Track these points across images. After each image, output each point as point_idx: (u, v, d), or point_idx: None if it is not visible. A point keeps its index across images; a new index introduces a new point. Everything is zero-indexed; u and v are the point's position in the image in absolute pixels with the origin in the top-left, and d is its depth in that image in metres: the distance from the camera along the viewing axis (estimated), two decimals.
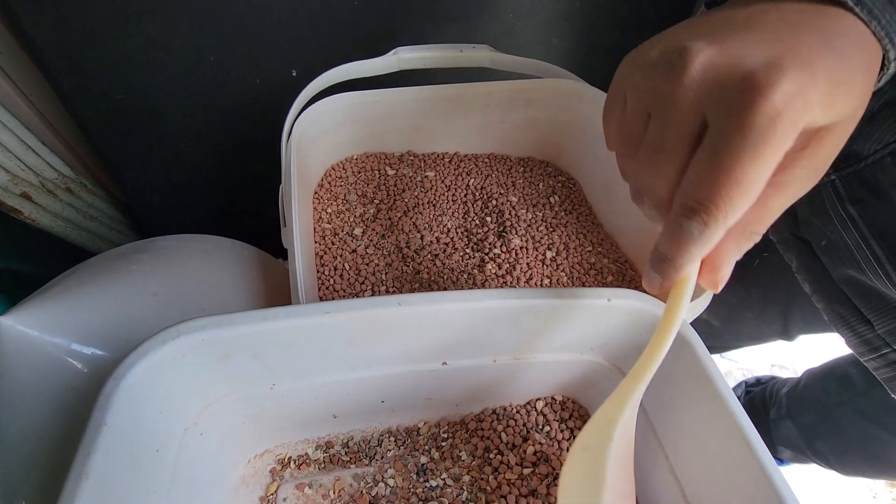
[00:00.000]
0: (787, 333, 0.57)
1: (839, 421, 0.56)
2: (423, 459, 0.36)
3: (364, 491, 0.34)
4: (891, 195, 0.28)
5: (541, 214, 0.55)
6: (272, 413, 0.32)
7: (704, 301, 0.40)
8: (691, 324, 0.32)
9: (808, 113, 0.15)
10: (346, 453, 0.36)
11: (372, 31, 0.60)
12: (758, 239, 0.20)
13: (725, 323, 0.63)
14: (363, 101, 0.49)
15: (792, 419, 0.65)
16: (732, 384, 0.87)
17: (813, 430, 0.62)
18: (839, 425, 0.57)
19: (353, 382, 0.32)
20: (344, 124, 0.51)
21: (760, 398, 0.75)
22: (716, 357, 0.89)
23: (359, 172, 0.54)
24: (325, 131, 0.50)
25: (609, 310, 0.32)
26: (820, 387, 0.62)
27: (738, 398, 0.84)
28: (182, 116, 0.62)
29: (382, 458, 0.36)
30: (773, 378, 0.78)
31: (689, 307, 0.38)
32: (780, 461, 0.76)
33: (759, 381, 0.82)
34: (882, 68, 0.18)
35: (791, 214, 0.36)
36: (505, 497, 0.34)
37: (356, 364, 0.31)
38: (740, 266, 0.53)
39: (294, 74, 0.63)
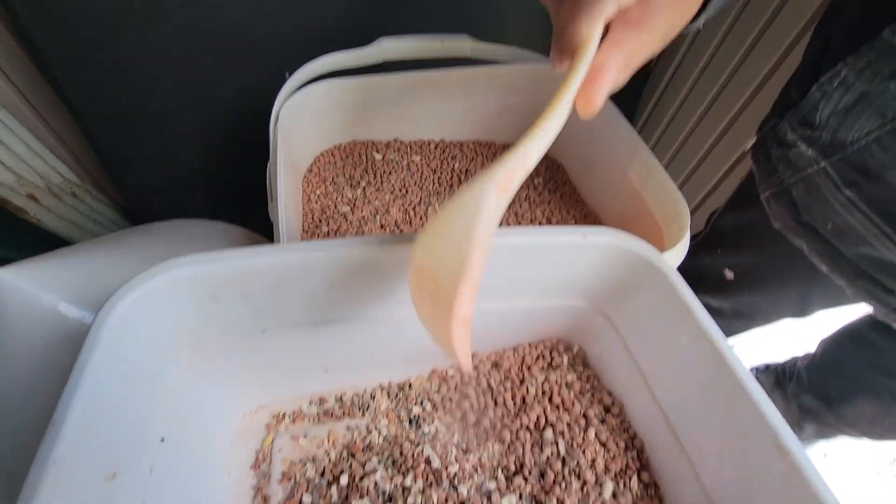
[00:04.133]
0: (804, 311, 0.56)
1: (867, 384, 0.55)
2: (416, 410, 0.37)
3: (358, 440, 0.35)
4: (884, 177, 0.29)
5: (524, 193, 0.57)
6: (265, 362, 0.33)
7: (682, 249, 0.41)
8: None
9: None
10: (339, 407, 0.37)
11: (358, 26, 0.63)
12: (628, 75, 0.24)
13: (736, 312, 0.63)
14: (347, 87, 0.52)
15: (813, 392, 0.64)
16: None
17: (839, 397, 0.60)
18: (867, 388, 0.55)
19: (340, 329, 0.33)
20: (330, 110, 0.54)
21: (774, 378, 0.74)
22: None
23: (346, 157, 0.56)
24: (312, 116, 0.52)
25: (585, 248, 0.33)
26: (840, 353, 0.61)
27: None
28: (180, 118, 0.65)
29: (375, 410, 0.37)
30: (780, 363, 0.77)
31: (671, 255, 0.40)
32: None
33: (767, 367, 0.81)
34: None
35: (789, 204, 0.37)
36: (497, 433, 0.34)
37: (341, 308, 0.32)
38: (756, 259, 0.52)
39: (287, 76, 0.67)
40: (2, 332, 0.31)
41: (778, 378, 0.73)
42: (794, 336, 0.88)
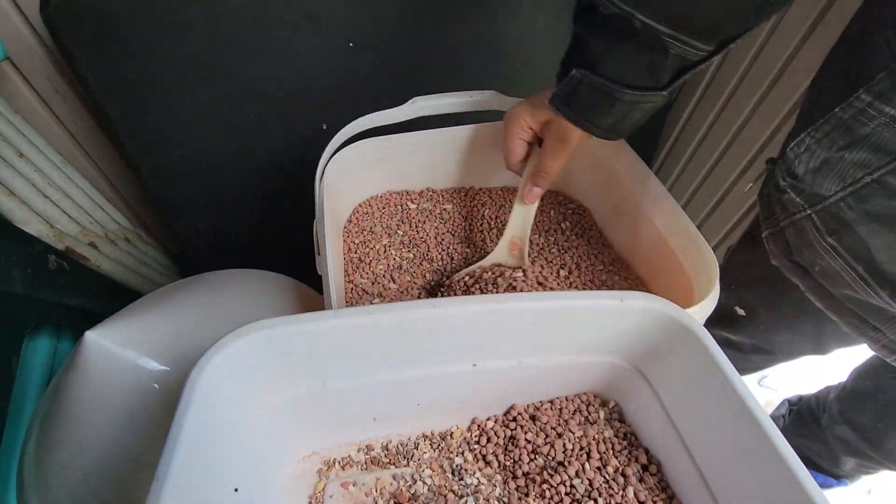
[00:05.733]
0: (821, 349, 0.57)
1: None
2: (458, 460, 0.39)
3: (404, 489, 0.36)
4: (856, 229, 0.32)
5: (553, 238, 0.60)
6: (323, 413, 0.35)
7: (710, 303, 0.42)
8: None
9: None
10: (385, 455, 0.39)
11: (392, 83, 0.68)
12: (547, 184, 0.45)
13: (755, 347, 0.64)
14: (386, 146, 0.56)
15: (848, 423, 0.63)
16: (771, 411, 0.84)
17: (874, 429, 0.59)
18: None
19: (393, 384, 0.35)
20: (369, 167, 0.58)
21: (808, 409, 0.73)
22: (752, 384, 0.88)
23: (383, 208, 0.60)
24: (353, 172, 0.56)
25: (622, 311, 0.35)
26: (872, 384, 0.60)
27: (783, 417, 0.81)
28: (228, 169, 0.71)
29: (419, 459, 0.39)
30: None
31: (697, 310, 0.41)
32: (840, 480, 0.73)
33: (801, 398, 0.80)
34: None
35: (784, 244, 0.39)
36: (537, 487, 0.36)
37: (395, 365, 0.34)
38: (768, 296, 0.53)
39: (325, 128, 0.72)
40: (90, 384, 0.34)
41: (812, 409, 0.72)
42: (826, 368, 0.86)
